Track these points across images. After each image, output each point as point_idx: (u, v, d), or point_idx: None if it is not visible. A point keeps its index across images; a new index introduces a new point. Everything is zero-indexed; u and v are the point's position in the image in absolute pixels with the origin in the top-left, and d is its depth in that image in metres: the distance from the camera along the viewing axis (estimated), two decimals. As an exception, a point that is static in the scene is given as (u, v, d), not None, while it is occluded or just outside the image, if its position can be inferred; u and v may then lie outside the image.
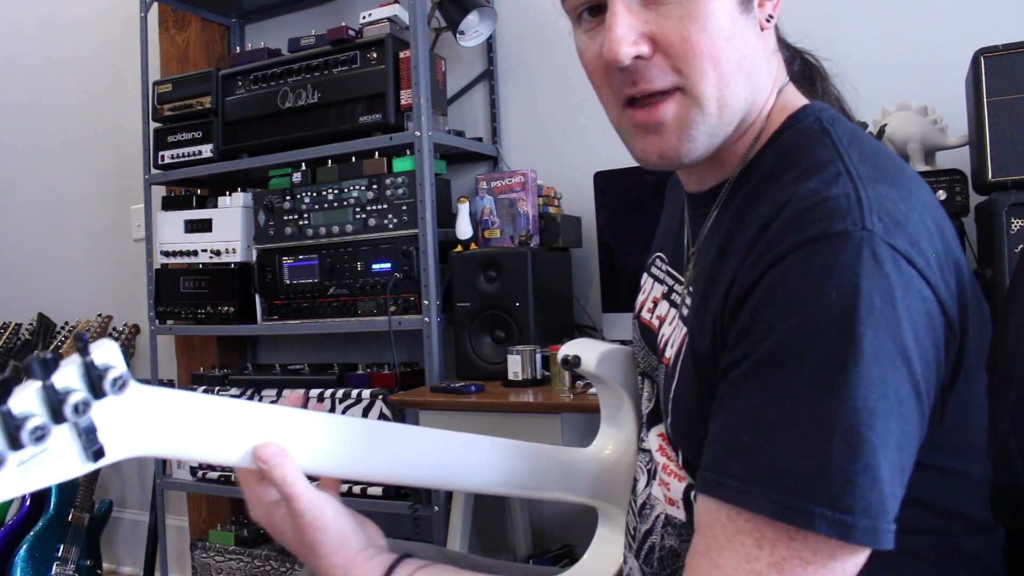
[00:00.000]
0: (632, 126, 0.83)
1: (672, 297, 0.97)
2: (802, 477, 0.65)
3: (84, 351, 0.60)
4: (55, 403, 0.59)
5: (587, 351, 1.08)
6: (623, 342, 1.11)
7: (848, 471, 0.64)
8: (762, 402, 0.68)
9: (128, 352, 3.22)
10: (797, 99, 0.88)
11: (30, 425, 0.57)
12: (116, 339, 3.08)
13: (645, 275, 1.09)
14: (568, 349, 1.09)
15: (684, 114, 0.80)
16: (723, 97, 0.80)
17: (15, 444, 0.57)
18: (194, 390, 2.06)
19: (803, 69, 0.96)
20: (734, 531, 0.67)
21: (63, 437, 0.60)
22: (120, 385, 0.62)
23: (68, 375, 0.60)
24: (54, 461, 0.60)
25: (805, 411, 0.66)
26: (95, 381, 0.61)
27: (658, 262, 1.06)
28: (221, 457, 0.73)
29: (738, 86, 0.80)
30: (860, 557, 0.67)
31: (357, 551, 0.81)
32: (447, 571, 0.85)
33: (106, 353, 0.62)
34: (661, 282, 1.03)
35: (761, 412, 0.68)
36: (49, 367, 0.59)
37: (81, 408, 0.60)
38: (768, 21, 0.83)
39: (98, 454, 0.62)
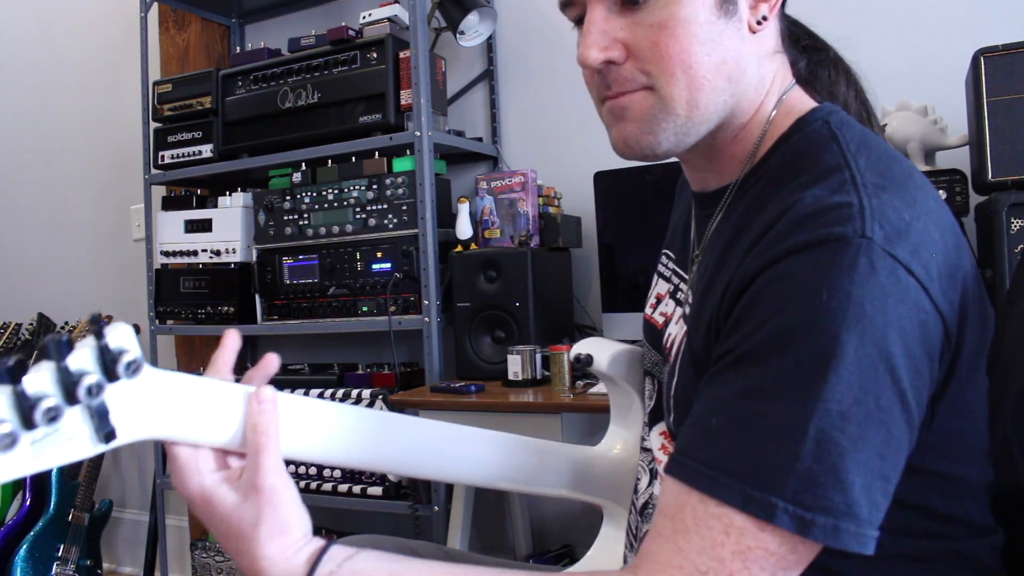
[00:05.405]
0: (608, 116, 0.86)
1: (677, 296, 0.98)
2: (768, 471, 0.65)
3: (99, 334, 0.61)
4: (69, 385, 0.59)
5: (599, 350, 1.08)
6: (633, 342, 1.11)
7: (814, 470, 0.64)
8: (739, 392, 0.69)
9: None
10: (804, 101, 0.87)
11: (44, 406, 0.58)
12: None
13: (655, 271, 1.10)
14: (580, 348, 1.08)
15: (648, 108, 0.81)
16: (694, 100, 0.80)
17: (28, 424, 0.57)
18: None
19: (812, 69, 0.95)
20: (704, 515, 0.67)
21: (75, 418, 0.61)
22: (134, 369, 0.62)
23: (82, 357, 0.60)
24: (66, 442, 0.60)
25: (780, 407, 0.66)
26: (109, 364, 0.61)
27: (664, 259, 1.07)
28: (233, 441, 0.73)
29: (715, 89, 0.81)
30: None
31: (295, 539, 0.72)
32: (383, 559, 0.75)
33: (121, 337, 0.62)
34: (667, 280, 1.03)
35: (737, 402, 0.69)
36: (64, 349, 0.59)
37: (94, 390, 0.60)
38: (760, 24, 0.83)
39: (109, 436, 0.62)
